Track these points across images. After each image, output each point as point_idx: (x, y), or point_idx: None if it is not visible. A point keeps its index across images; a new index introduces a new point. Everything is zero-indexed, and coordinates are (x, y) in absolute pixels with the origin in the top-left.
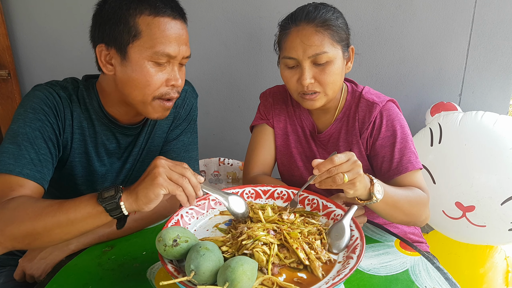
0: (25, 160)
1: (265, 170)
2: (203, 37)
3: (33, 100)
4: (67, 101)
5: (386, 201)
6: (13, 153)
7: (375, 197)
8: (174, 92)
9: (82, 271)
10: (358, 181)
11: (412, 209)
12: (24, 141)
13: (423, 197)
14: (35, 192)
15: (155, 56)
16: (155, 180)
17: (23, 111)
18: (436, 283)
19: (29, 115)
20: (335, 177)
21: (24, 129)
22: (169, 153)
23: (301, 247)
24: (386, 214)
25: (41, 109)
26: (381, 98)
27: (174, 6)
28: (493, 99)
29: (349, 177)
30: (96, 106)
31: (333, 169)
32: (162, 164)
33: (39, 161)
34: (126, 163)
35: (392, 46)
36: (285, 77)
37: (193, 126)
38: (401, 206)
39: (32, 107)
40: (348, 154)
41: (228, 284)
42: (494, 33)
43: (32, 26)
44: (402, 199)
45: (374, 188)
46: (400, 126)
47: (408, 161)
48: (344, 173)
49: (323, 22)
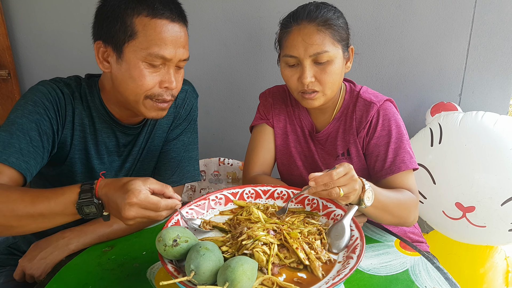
0: (14, 149)
1: (265, 170)
2: (203, 37)
3: (35, 94)
4: (69, 98)
5: (375, 205)
6: (3, 140)
7: (364, 204)
8: (167, 94)
9: (82, 271)
10: (352, 195)
11: (401, 212)
12: (17, 131)
13: (412, 199)
14: (14, 181)
15: (149, 58)
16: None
17: (24, 102)
18: (436, 283)
19: (28, 107)
20: (331, 191)
21: (21, 119)
22: (169, 152)
23: (301, 247)
24: (375, 216)
25: (42, 103)
26: (378, 98)
27: (173, 8)
28: (493, 99)
29: (345, 192)
30: (98, 104)
31: (330, 183)
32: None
33: (28, 152)
34: (126, 162)
35: (392, 46)
36: (285, 76)
37: (194, 126)
38: (390, 210)
39: (33, 99)
40: (346, 167)
41: (228, 284)
42: (494, 33)
43: (32, 26)
44: (391, 202)
45: (365, 195)
46: (396, 125)
47: (402, 161)
48: (340, 187)
49: (325, 21)
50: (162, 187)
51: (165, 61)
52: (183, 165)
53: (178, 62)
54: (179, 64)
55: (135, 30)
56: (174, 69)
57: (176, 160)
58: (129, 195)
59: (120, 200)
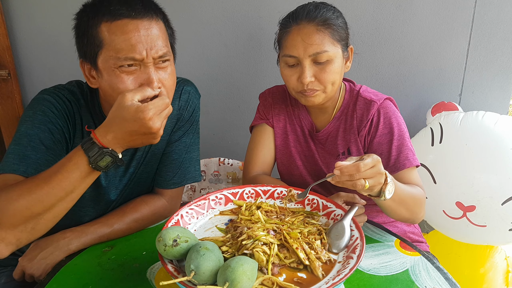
0: (30, 160)
1: (265, 170)
2: (203, 37)
3: (43, 103)
4: (76, 106)
5: (394, 198)
6: (18, 153)
7: (384, 196)
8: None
9: (82, 271)
10: (376, 188)
11: (414, 207)
12: (31, 142)
13: (422, 194)
14: None
15: (119, 63)
16: (155, 131)
17: (32, 113)
18: (436, 283)
19: (38, 117)
20: (356, 182)
21: (32, 130)
22: (171, 154)
23: (301, 247)
24: (390, 211)
25: (51, 112)
26: (378, 96)
27: (135, 4)
28: (493, 99)
29: (370, 184)
30: (98, 112)
31: (356, 174)
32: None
33: (46, 161)
34: (129, 167)
35: (392, 46)
36: (285, 76)
37: (195, 127)
38: (406, 204)
39: (42, 109)
40: (375, 159)
41: (228, 284)
42: (494, 33)
43: (32, 26)
44: (407, 197)
45: (386, 188)
46: (397, 123)
47: (405, 158)
48: (366, 179)
49: (324, 21)
50: (143, 92)
51: (139, 63)
52: (185, 166)
53: (158, 60)
54: (157, 62)
55: (101, 39)
56: (154, 68)
57: (177, 161)
58: (144, 114)
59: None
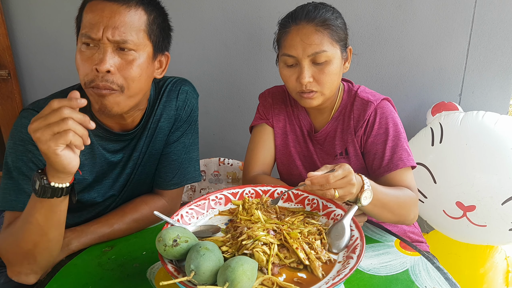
0: (25, 194)
1: (265, 170)
2: (203, 37)
3: (21, 131)
4: None
5: (374, 204)
6: (12, 188)
7: (361, 203)
8: (100, 79)
9: (82, 271)
10: (347, 197)
11: (401, 210)
12: (20, 175)
13: (412, 197)
14: None
15: (82, 40)
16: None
17: (13, 143)
18: (436, 283)
19: (19, 148)
20: (326, 192)
21: (17, 163)
22: (170, 155)
23: (301, 247)
24: (373, 214)
25: (29, 140)
26: (376, 97)
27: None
28: (493, 99)
29: (340, 194)
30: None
31: (326, 185)
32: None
33: None
34: (126, 168)
35: (392, 46)
36: (284, 76)
37: (194, 127)
38: (389, 208)
39: (21, 138)
40: (346, 170)
41: (228, 284)
42: (494, 33)
43: (32, 26)
44: (390, 200)
45: (362, 195)
46: (393, 123)
47: (399, 159)
48: (336, 189)
49: (323, 21)
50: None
51: (97, 43)
52: (184, 167)
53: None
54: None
55: (81, 19)
56: (113, 52)
57: (177, 162)
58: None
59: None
